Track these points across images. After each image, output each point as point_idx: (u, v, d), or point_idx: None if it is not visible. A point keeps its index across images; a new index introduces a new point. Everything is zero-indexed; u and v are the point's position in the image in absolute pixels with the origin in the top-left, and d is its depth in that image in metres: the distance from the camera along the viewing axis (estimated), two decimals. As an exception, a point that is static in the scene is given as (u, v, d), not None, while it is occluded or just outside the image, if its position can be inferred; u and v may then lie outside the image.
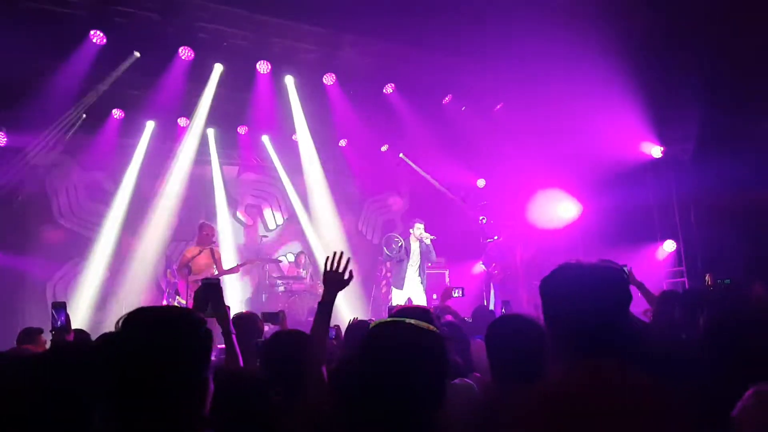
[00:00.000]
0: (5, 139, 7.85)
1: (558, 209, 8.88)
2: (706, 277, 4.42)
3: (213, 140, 9.44)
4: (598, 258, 1.56)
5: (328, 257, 2.27)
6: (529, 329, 2.09)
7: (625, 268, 4.37)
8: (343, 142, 10.01)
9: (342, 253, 2.28)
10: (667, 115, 7.74)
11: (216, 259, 7.53)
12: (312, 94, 8.53)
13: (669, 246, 8.08)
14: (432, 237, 7.64)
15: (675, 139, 8.00)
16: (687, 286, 7.87)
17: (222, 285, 6.86)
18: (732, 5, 6.32)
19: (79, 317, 8.35)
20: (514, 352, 2.06)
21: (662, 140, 8.05)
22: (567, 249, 8.99)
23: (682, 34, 7.07)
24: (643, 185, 8.30)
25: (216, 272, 7.43)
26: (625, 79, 7.04)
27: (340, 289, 2.24)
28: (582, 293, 1.44)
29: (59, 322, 3.00)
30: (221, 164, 9.70)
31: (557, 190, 8.81)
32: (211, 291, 2.43)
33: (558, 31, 6.91)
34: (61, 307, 3.04)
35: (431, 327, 1.49)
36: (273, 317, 4.12)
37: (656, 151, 8.10)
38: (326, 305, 2.18)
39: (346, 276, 2.25)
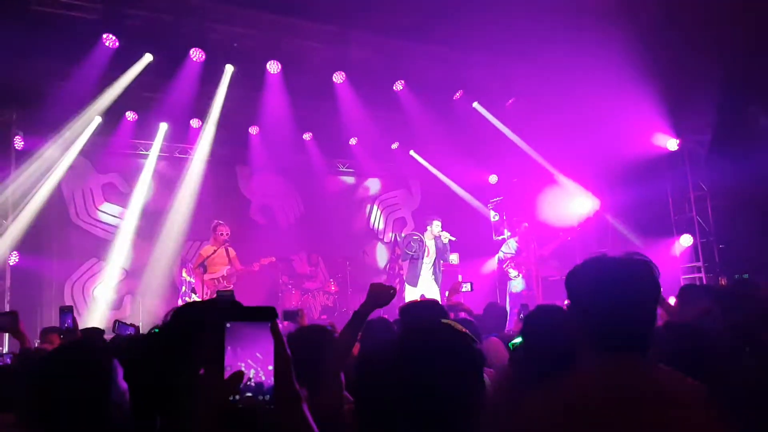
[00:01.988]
0: (23, 143, 8.00)
1: (572, 205, 8.79)
2: (720, 280, 4.32)
3: (225, 141, 9.50)
4: (622, 251, 1.52)
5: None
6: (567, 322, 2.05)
7: (467, 286, 4.40)
8: (353, 141, 10.02)
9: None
10: (683, 107, 7.60)
11: (231, 258, 7.60)
12: (322, 92, 8.53)
13: (686, 240, 7.94)
14: (452, 238, 7.62)
15: (691, 131, 7.87)
16: (704, 281, 7.75)
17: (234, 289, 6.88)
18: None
19: (98, 316, 8.50)
20: (551, 345, 2.02)
21: (678, 133, 7.91)
22: (582, 245, 8.91)
23: (698, 27, 6.93)
24: (659, 179, 8.17)
25: (230, 270, 7.51)
26: (640, 72, 6.92)
27: (381, 306, 2.22)
28: (610, 286, 1.41)
29: (66, 325, 3.13)
30: (234, 164, 9.77)
31: (572, 185, 8.72)
32: (225, 300, 2.42)
33: (570, 24, 6.83)
34: (67, 311, 3.15)
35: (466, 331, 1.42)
36: (293, 315, 4.16)
37: (672, 144, 7.95)
38: (361, 317, 2.14)
39: (390, 293, 2.23)
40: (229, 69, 8.12)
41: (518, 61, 7.92)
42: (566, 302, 1.67)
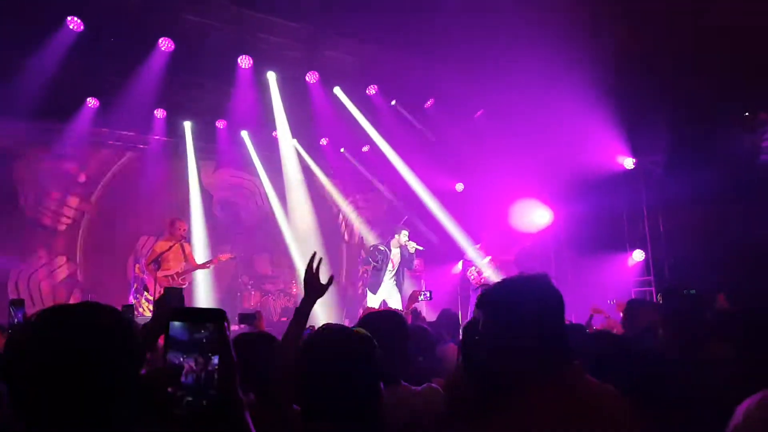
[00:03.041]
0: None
1: (532, 215, 9.05)
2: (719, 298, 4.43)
3: (190, 134, 9.25)
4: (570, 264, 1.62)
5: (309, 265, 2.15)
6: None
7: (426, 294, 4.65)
8: (324, 141, 9.96)
9: (315, 253, 2.18)
10: (640, 127, 7.99)
11: (187, 255, 7.37)
12: (294, 91, 8.46)
13: (638, 255, 8.31)
14: (419, 247, 7.67)
15: (647, 151, 8.26)
16: (654, 295, 8.12)
17: (189, 287, 6.66)
18: (702, 23, 6.57)
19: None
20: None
21: (634, 152, 8.30)
22: (540, 255, 9.18)
23: (655, 50, 7.31)
24: (614, 195, 8.53)
25: (185, 267, 7.28)
26: (602, 92, 7.24)
27: (320, 297, 2.13)
28: (516, 303, 1.48)
29: (16, 320, 2.84)
30: (197, 158, 9.52)
31: (532, 197, 8.98)
32: (173, 298, 2.33)
33: (538, 43, 7.06)
34: (19, 306, 2.88)
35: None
36: (249, 318, 4.05)
37: (628, 162, 8.34)
38: (303, 314, 2.06)
39: (324, 281, 2.14)
40: (199, 61, 7.91)
41: (489, 75, 8.11)
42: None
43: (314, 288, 2.11)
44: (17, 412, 1.06)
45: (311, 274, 2.12)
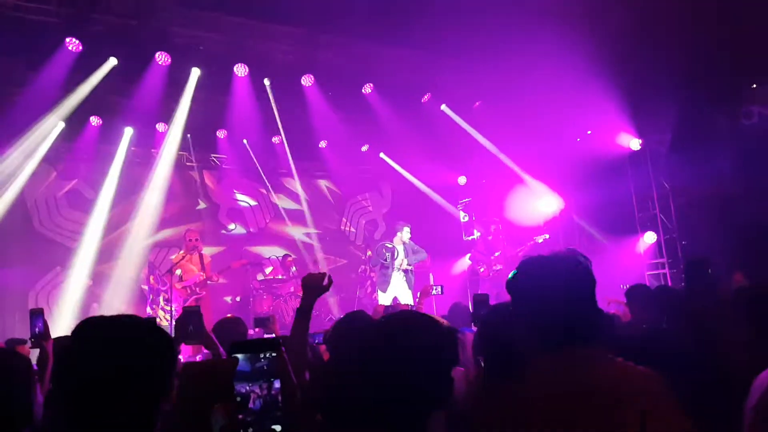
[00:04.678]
0: (-19, 149, 7.80)
1: (539, 204, 8.93)
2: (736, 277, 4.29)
3: (192, 145, 9.41)
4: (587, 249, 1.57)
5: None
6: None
7: (437, 289, 4.57)
8: (323, 143, 10.03)
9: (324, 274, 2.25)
10: (645, 107, 7.80)
11: (205, 265, 7.52)
12: (291, 95, 8.52)
13: (649, 238, 8.13)
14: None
15: (653, 131, 8.06)
16: (669, 277, 7.93)
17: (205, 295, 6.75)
18: (710, 3, 6.39)
19: (63, 325, 8.30)
20: (505, 344, 2.04)
21: (640, 132, 8.11)
22: (549, 244, 9.04)
23: (660, 29, 7.13)
24: (622, 178, 8.35)
25: (203, 277, 7.42)
26: (604, 73, 7.08)
27: (319, 295, 2.19)
28: (548, 285, 1.46)
29: (37, 329, 2.89)
30: (202, 168, 9.67)
31: (538, 185, 8.86)
32: (192, 318, 2.39)
33: (535, 27, 6.94)
34: (38, 314, 2.91)
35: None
36: (264, 322, 4.11)
37: (635, 143, 8.15)
38: (304, 311, 2.10)
39: (325, 282, 2.19)
40: (195, 72, 8.04)
41: (485, 63, 8.02)
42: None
43: (313, 286, 2.18)
44: (59, 419, 1.11)
45: (311, 275, 2.20)
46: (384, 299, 7.69)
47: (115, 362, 1.09)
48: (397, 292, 7.79)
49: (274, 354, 1.02)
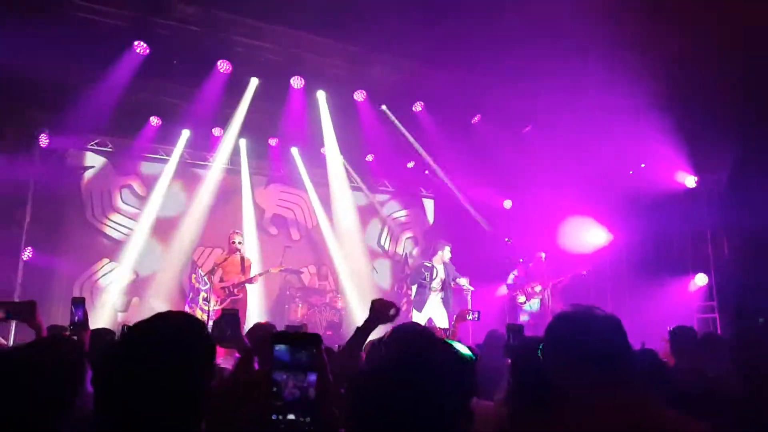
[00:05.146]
0: (47, 141, 8.19)
1: (587, 236, 8.71)
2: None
3: (244, 151, 9.64)
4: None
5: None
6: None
7: (475, 314, 4.42)
8: (370, 157, 10.10)
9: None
10: (701, 144, 7.55)
11: (245, 267, 7.62)
12: (342, 109, 8.65)
13: (701, 279, 7.81)
14: (469, 287, 7.80)
15: (709, 169, 7.80)
16: (718, 322, 7.60)
17: (243, 297, 6.87)
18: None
19: (105, 317, 8.56)
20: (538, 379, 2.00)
21: (696, 170, 7.86)
22: (595, 278, 8.79)
23: (718, 57, 6.93)
24: (675, 215, 8.07)
25: (242, 279, 7.53)
26: (661, 107, 6.93)
27: (383, 323, 2.22)
28: (587, 338, 1.49)
29: (77, 318, 2.95)
30: (251, 174, 9.89)
31: (586, 217, 8.65)
32: (230, 321, 2.43)
33: (591, 56, 6.87)
34: (80, 303, 2.98)
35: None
36: (296, 331, 4.14)
37: (690, 180, 7.90)
38: (363, 331, 2.14)
39: (392, 312, 2.23)
40: (254, 81, 8.27)
41: (538, 87, 7.96)
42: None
43: (380, 313, 2.20)
44: (102, 416, 1.14)
45: (381, 301, 2.23)
46: (418, 318, 7.60)
47: (159, 365, 1.13)
48: (433, 312, 7.69)
49: (314, 349, 1.06)
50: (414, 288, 7.98)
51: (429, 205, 11.04)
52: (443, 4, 6.59)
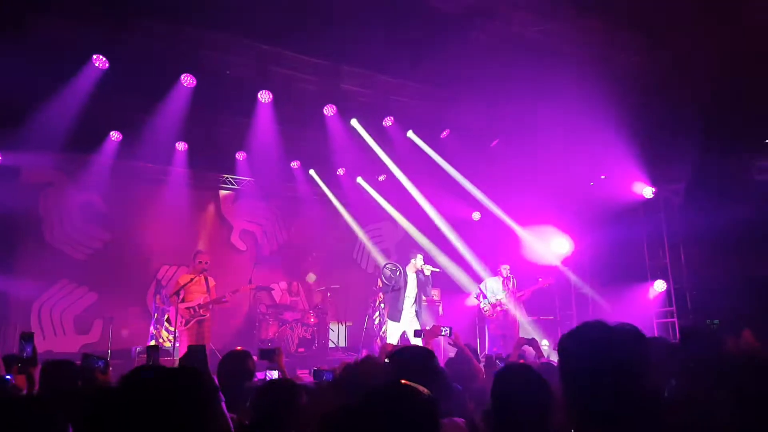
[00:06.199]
0: (1, 158, 7.80)
1: (551, 245, 8.95)
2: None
3: (210, 165, 9.44)
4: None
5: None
6: (537, 383, 2.06)
7: (446, 330, 4.47)
8: (341, 171, 10.08)
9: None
10: (659, 156, 7.91)
11: (210, 287, 7.44)
12: (312, 123, 8.61)
13: (659, 286, 8.16)
14: (435, 269, 7.41)
15: (666, 180, 8.17)
16: (677, 326, 7.94)
17: (211, 316, 6.70)
18: (726, 51, 6.51)
19: (66, 339, 8.21)
20: (521, 407, 2.00)
21: (654, 181, 8.22)
22: (559, 286, 9.05)
23: (677, 79, 7.27)
24: (634, 225, 8.42)
25: (207, 299, 7.34)
26: (620, 120, 7.19)
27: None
28: (602, 355, 1.44)
29: (25, 354, 2.90)
30: (218, 188, 9.69)
31: (550, 226, 8.89)
32: (197, 356, 2.41)
33: (554, 71, 7.09)
34: (28, 339, 2.92)
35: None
36: (269, 354, 4.05)
37: (648, 191, 8.25)
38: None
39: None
40: (220, 95, 8.10)
41: (503, 104, 8.16)
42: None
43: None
44: None
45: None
46: (394, 330, 7.28)
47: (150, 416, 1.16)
48: (407, 326, 7.51)
49: None
50: (388, 298, 7.66)
51: (401, 217, 11.03)
52: (415, 23, 6.66)
